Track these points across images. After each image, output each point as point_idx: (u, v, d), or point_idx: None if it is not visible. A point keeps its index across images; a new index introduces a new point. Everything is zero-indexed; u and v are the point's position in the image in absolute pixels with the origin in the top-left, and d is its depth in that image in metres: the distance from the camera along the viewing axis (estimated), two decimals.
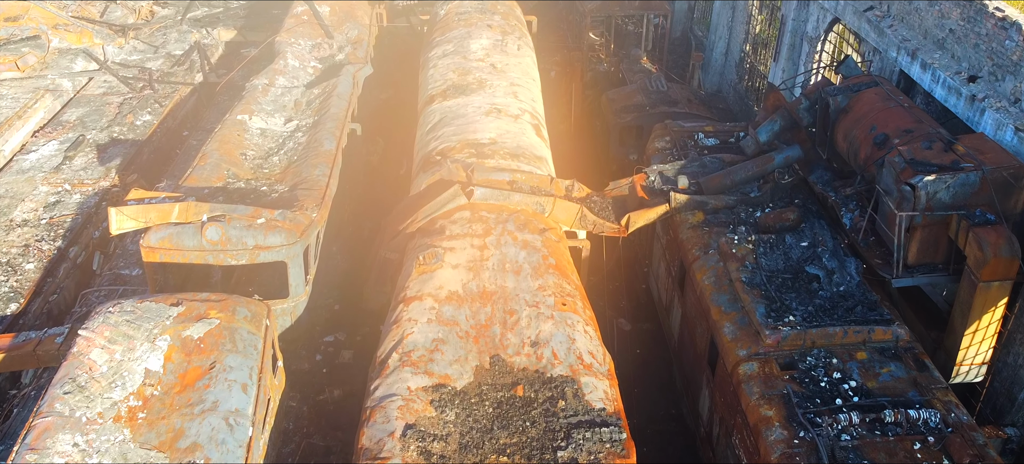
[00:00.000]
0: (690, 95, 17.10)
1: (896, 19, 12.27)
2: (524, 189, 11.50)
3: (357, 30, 19.40)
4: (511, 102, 14.34)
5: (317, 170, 13.43)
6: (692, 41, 23.68)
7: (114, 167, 18.03)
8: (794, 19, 15.90)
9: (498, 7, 18.89)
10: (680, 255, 11.09)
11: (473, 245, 10.45)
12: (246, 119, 15.25)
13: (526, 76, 15.84)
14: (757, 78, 19.49)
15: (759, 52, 19.28)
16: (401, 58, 22.78)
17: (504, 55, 16.47)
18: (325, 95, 16.30)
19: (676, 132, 13.39)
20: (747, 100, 19.68)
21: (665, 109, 16.39)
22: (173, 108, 21.03)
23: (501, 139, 12.99)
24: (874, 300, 9.24)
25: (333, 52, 18.93)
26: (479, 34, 17.30)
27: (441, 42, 17.28)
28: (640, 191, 11.83)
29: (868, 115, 10.47)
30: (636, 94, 17.04)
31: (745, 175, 11.48)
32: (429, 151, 12.98)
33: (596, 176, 18.24)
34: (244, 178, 13.57)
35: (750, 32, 19.70)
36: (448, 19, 18.34)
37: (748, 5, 19.40)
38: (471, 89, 14.81)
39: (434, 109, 14.34)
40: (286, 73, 17.66)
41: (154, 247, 11.23)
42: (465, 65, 15.87)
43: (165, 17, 26.79)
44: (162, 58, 23.68)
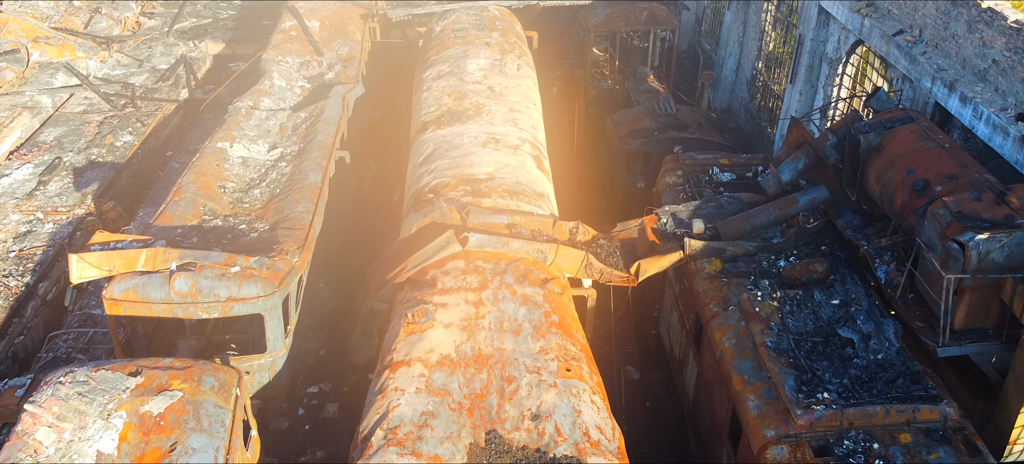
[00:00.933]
0: (701, 118, 16.08)
1: (930, 46, 11.26)
2: (524, 234, 10.49)
3: (348, 47, 18.39)
4: (510, 131, 13.33)
5: (300, 206, 12.43)
6: (700, 55, 22.66)
7: (90, 193, 17.02)
8: (813, 39, 14.89)
9: (497, 23, 17.88)
10: (696, 308, 10.07)
11: (467, 300, 9.44)
12: (227, 147, 14.24)
13: (526, 100, 14.83)
14: (771, 98, 18.47)
15: (773, 71, 18.26)
16: (396, 72, 21.76)
17: (503, 77, 15.46)
18: (312, 119, 15.30)
19: (689, 165, 12.37)
20: (760, 120, 18.66)
21: (674, 134, 15.39)
22: (156, 127, 20.02)
23: (499, 174, 11.97)
24: (917, 371, 8.23)
25: (322, 70, 17.92)
26: (476, 53, 16.29)
27: (436, 62, 16.26)
28: (651, 234, 10.82)
29: (904, 156, 9.46)
30: (643, 117, 16.03)
31: (766, 219, 10.46)
32: (421, 187, 11.97)
33: (600, 203, 17.23)
34: (222, 214, 12.57)
35: (763, 49, 18.67)
36: (444, 36, 17.33)
37: (761, 21, 18.38)
38: (467, 116, 13.80)
39: (427, 138, 13.33)
40: (272, 94, 16.65)
41: (118, 299, 10.23)
42: (461, 88, 14.86)
43: (152, 28, 25.79)
44: (147, 73, 22.67)
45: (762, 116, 18.70)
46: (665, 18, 19.11)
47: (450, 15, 18.22)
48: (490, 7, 18.59)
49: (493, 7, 18.69)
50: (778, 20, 17.93)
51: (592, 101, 19.86)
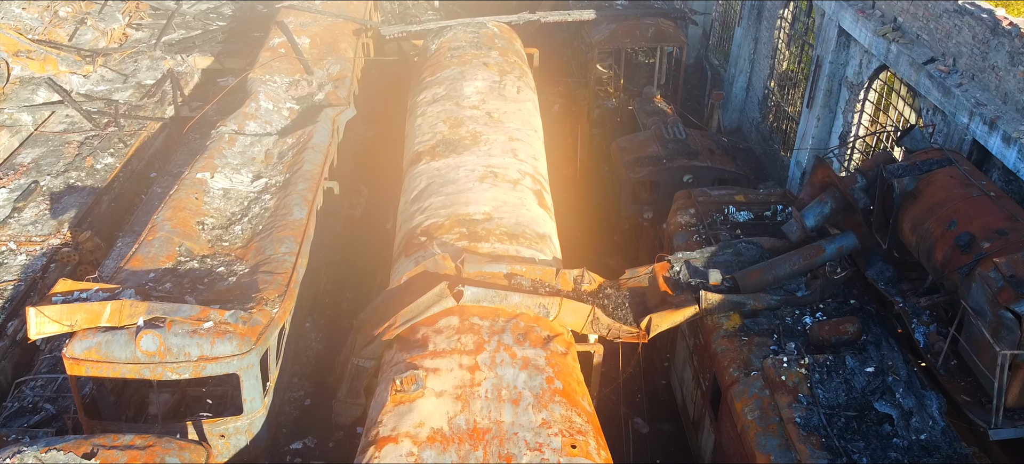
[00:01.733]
0: (711, 144, 15.18)
1: (966, 77, 10.35)
2: (524, 286, 9.58)
3: (339, 65, 17.49)
4: (510, 163, 12.42)
5: (283, 246, 11.53)
6: (707, 71, 21.75)
7: (67, 221, 16.13)
8: (832, 62, 13.98)
9: (496, 41, 16.97)
10: (713, 369, 9.16)
11: (462, 365, 8.54)
12: (207, 178, 13.34)
13: (526, 126, 13.93)
14: (784, 119, 17.56)
15: (787, 91, 17.35)
16: (391, 88, 20.88)
17: (502, 100, 14.55)
18: (299, 146, 14.40)
19: (702, 203, 11.47)
20: (772, 142, 17.75)
21: (684, 162, 14.49)
22: (139, 147, 19.12)
23: (497, 213, 11.07)
24: (966, 455, 7.33)
25: (312, 90, 17.02)
26: (474, 74, 15.38)
27: (431, 84, 15.35)
28: (663, 284, 9.92)
29: (944, 204, 8.55)
30: (651, 143, 15.13)
31: (790, 269, 9.56)
32: (413, 228, 11.07)
33: (605, 231, 16.31)
34: (200, 254, 11.67)
35: (775, 68, 17.76)
36: (440, 55, 16.42)
37: (773, 38, 17.47)
38: (464, 145, 12.89)
39: (420, 171, 12.43)
40: (258, 117, 15.75)
41: (79, 358, 9.33)
42: (458, 114, 13.95)
43: (138, 40, 24.89)
44: (132, 88, 21.77)
45: (775, 138, 17.79)
46: (673, 35, 18.21)
47: (447, 32, 17.32)
48: (489, 23, 17.69)
49: (492, 24, 17.80)
50: (792, 38, 17.02)
51: (595, 120, 18.96)
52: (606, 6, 19.47)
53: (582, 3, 20.63)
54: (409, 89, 16.44)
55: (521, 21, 18.19)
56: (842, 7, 13.48)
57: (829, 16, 13.99)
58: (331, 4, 19.82)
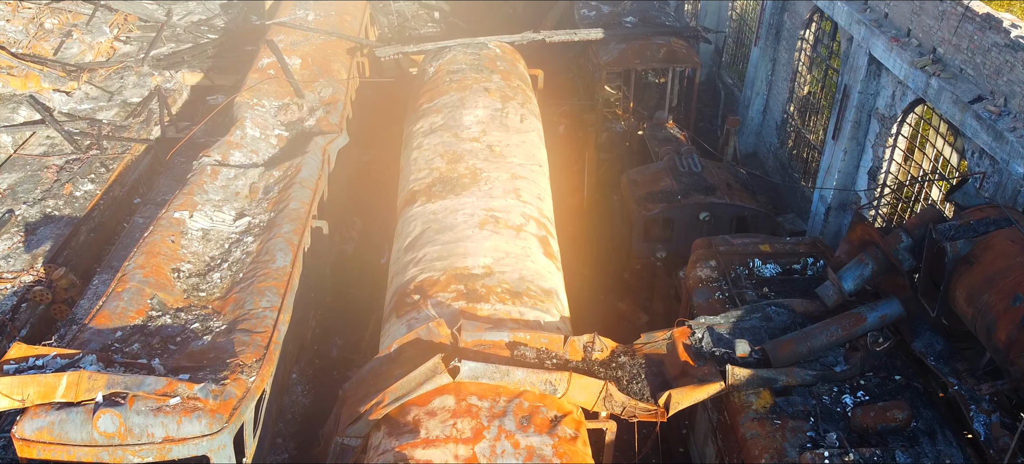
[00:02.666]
0: (729, 177, 14.14)
1: (1021, 120, 9.30)
2: (528, 358, 8.56)
3: (332, 88, 16.47)
4: (512, 205, 11.40)
5: (264, 300, 10.53)
6: (720, 90, 20.70)
7: (41, 255, 15.15)
8: (861, 92, 12.93)
9: (497, 63, 15.95)
10: (741, 455, 8.12)
11: (458, 456, 7.53)
12: (186, 217, 12.34)
13: (531, 160, 12.90)
14: (805, 146, 16.51)
15: (808, 117, 16.29)
16: (387, 107, 19.88)
17: (504, 131, 13.53)
18: (286, 180, 13.39)
19: (724, 254, 10.43)
20: (792, 170, 16.70)
21: (701, 199, 13.45)
22: (122, 172, 18.12)
23: (499, 266, 10.05)
24: None
25: (303, 115, 16.02)
26: (474, 101, 14.36)
27: (428, 111, 14.33)
28: (683, 352, 8.89)
29: (1007, 274, 7.52)
30: (664, 176, 14.09)
31: (827, 340, 8.53)
32: (405, 283, 10.05)
33: (614, 267, 15.26)
34: (173, 307, 10.68)
35: (795, 92, 16.70)
36: (438, 80, 15.39)
37: (793, 60, 16.41)
38: (462, 184, 11.87)
39: (415, 214, 11.41)
40: (243, 146, 14.74)
41: (30, 440, 8.33)
42: (456, 147, 12.93)
43: (126, 54, 23.91)
44: (117, 106, 20.80)
45: (794, 166, 16.73)
46: (686, 56, 17.16)
47: (445, 54, 16.30)
48: (490, 44, 16.66)
49: (493, 44, 16.77)
50: (815, 62, 15.96)
51: (603, 145, 17.92)
52: (614, 24, 18.43)
53: (588, 16, 19.60)
54: (405, 115, 15.42)
55: (524, 41, 17.16)
56: (873, 33, 12.44)
57: (858, 42, 12.95)
58: (325, 21, 18.81)
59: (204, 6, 27.71)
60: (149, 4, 27.91)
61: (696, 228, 13.63)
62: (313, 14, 19.02)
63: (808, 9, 15.60)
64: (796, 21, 16.22)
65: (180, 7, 27.57)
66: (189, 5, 27.83)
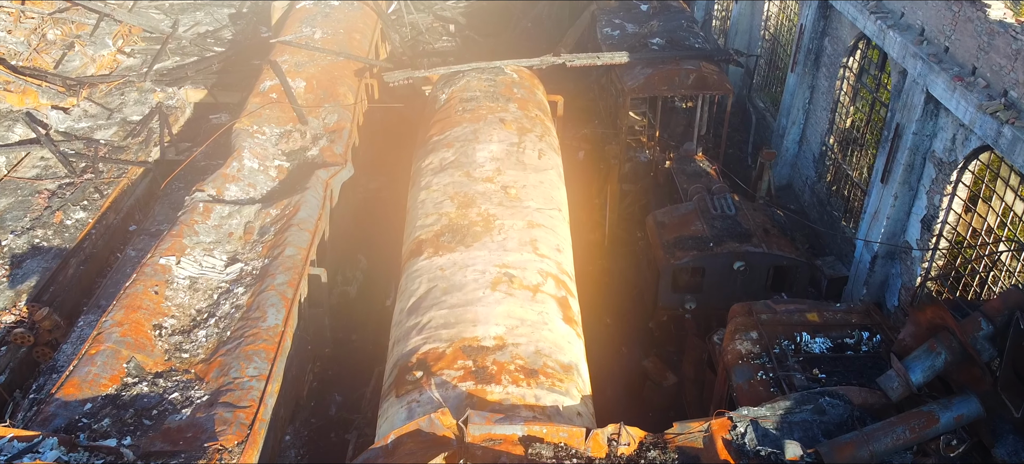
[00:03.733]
0: (766, 221, 12.92)
1: None
2: (545, 457, 7.42)
3: (337, 115, 15.42)
4: (528, 260, 10.27)
5: (252, 366, 9.50)
6: (751, 115, 19.43)
7: (26, 291, 14.25)
8: (915, 132, 11.67)
9: (514, 91, 14.82)
10: None
11: None
12: (172, 264, 11.33)
13: (549, 203, 11.77)
14: (845, 182, 15.23)
15: (850, 153, 15.01)
16: (397, 130, 18.82)
17: (521, 169, 12.41)
18: (284, 221, 12.35)
19: (767, 324, 9.24)
20: (830, 207, 15.42)
21: (735, 246, 12.25)
22: (117, 198, 17.20)
23: (512, 337, 8.92)
24: None
25: (305, 143, 14.98)
26: (489, 134, 13.25)
27: (439, 145, 13.23)
28: (722, 449, 7.72)
29: None
30: (694, 219, 12.90)
31: (892, 443, 7.33)
32: (407, 354, 8.95)
33: (638, 314, 14.08)
34: (152, 372, 9.68)
35: (836, 123, 15.43)
36: (450, 109, 14.29)
37: (834, 89, 15.14)
38: (474, 234, 10.75)
39: (421, 269, 10.31)
40: (240, 179, 13.73)
41: None
42: (468, 188, 11.82)
43: (129, 68, 23.04)
44: (116, 125, 19.91)
45: (834, 203, 15.45)
46: (717, 82, 15.94)
47: (459, 79, 15.20)
48: (506, 69, 15.54)
49: (510, 68, 15.65)
50: (859, 93, 14.68)
51: (627, 175, 16.74)
52: (640, 47, 17.24)
53: (611, 35, 18.42)
54: (415, 145, 14.33)
55: (544, 65, 16.02)
56: (932, 69, 11.17)
57: (913, 78, 11.68)
58: (332, 39, 17.78)
59: (212, 17, 26.84)
60: (155, 14, 27.09)
61: (729, 278, 12.46)
62: (320, 32, 18.00)
63: (853, 35, 14.34)
64: (839, 47, 14.96)
65: (187, 18, 26.71)
66: (196, 16, 26.98)
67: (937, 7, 11.45)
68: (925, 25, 11.82)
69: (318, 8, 19.10)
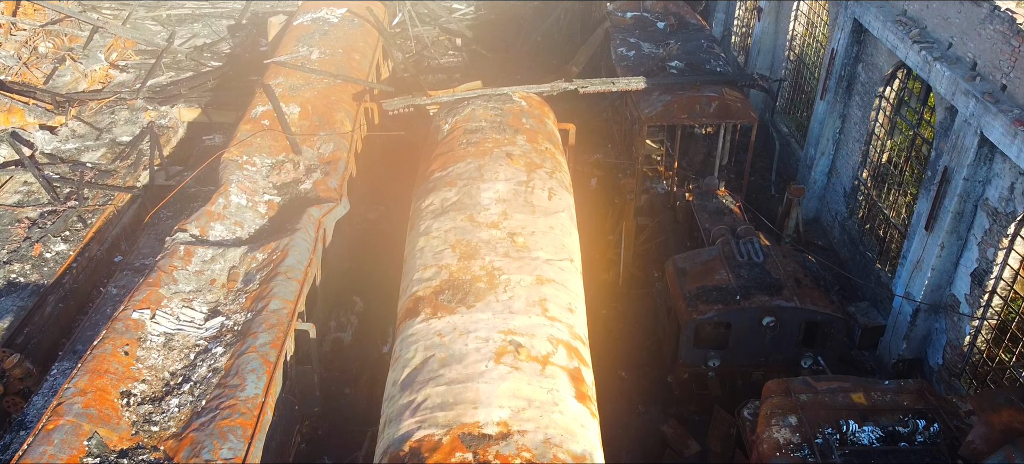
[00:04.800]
0: (797, 269, 11.80)
1: None
2: None
3: (333, 144, 14.40)
4: (537, 324, 9.21)
5: (227, 446, 8.51)
6: (775, 141, 18.29)
7: None
8: (966, 178, 10.53)
9: (523, 120, 13.76)
10: None
11: None
12: (146, 319, 10.32)
13: (560, 252, 10.71)
14: (880, 221, 14.09)
15: (887, 190, 13.86)
16: (399, 153, 17.77)
17: (529, 212, 11.35)
18: (270, 268, 11.33)
19: (807, 406, 8.16)
20: (863, 247, 14.28)
21: (764, 299, 11.15)
22: (102, 227, 16.27)
23: (518, 422, 7.88)
24: None
25: (298, 175, 13.96)
26: (495, 171, 12.20)
27: (441, 183, 12.19)
28: None
29: None
30: (718, 267, 11.80)
31: None
32: (398, 440, 7.92)
33: (656, 367, 12.98)
34: (116, 449, 8.71)
35: (870, 156, 14.28)
36: (453, 140, 13.25)
37: (870, 120, 14.01)
38: (477, 291, 9.70)
39: (417, 334, 9.26)
40: (226, 217, 12.71)
41: None
42: (471, 235, 10.77)
43: (122, 84, 22.14)
44: (104, 146, 18.98)
45: (867, 243, 14.30)
46: (740, 110, 14.82)
47: (463, 108, 14.15)
48: (515, 96, 14.48)
49: (519, 95, 14.58)
50: (898, 127, 13.52)
51: (642, 208, 15.66)
52: (657, 70, 16.13)
53: (626, 56, 17.33)
54: (416, 179, 13.29)
55: (554, 92, 14.95)
56: (987, 110, 10.03)
57: (965, 118, 10.55)
58: (330, 60, 16.76)
59: (210, 29, 25.91)
60: (152, 25, 26.19)
61: (757, 334, 11.36)
62: (317, 52, 16.98)
63: (891, 63, 13.20)
64: (874, 75, 13.82)
65: (184, 30, 25.80)
66: (194, 27, 26.07)
67: (992, 39, 10.31)
68: (978, 59, 10.68)
69: (316, 25, 18.11)
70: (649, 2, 19.96)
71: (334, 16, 18.61)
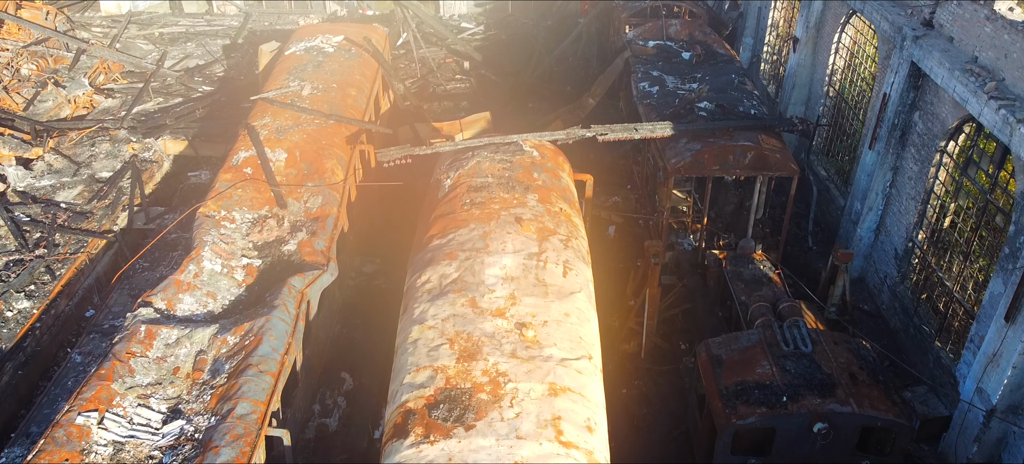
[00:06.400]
0: (851, 361, 10.17)
1: None
2: None
3: (322, 197, 12.88)
4: (550, 452, 7.67)
5: None
6: (812, 185, 16.61)
7: None
8: None
9: (535, 175, 12.19)
10: None
11: None
12: (92, 424, 8.85)
13: (576, 347, 9.15)
14: (940, 292, 12.40)
15: (950, 258, 12.16)
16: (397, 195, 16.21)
17: (541, 294, 9.79)
18: (242, 354, 9.84)
19: None
20: (918, 321, 12.60)
21: (816, 401, 9.53)
22: (72, 278, 14.83)
23: None
24: None
25: (282, 233, 12.46)
26: (502, 240, 10.64)
27: (439, 253, 10.63)
28: None
29: None
30: (759, 357, 10.19)
31: None
32: None
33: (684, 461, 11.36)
34: None
35: (928, 217, 12.60)
36: (455, 200, 11.69)
37: (927, 177, 12.34)
38: (478, 404, 8.16)
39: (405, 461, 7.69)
40: (198, 287, 11.22)
41: None
42: (473, 326, 9.22)
43: (107, 110, 20.75)
44: (82, 183, 17.54)
45: (923, 315, 12.61)
46: (780, 162, 13.17)
47: (468, 159, 12.59)
48: (525, 145, 12.90)
49: (530, 144, 13.02)
50: (964, 188, 11.83)
51: (668, 265, 14.05)
52: (684, 112, 14.50)
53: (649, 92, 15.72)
54: (412, 245, 11.73)
55: (570, 139, 13.36)
56: None
57: None
58: (322, 97, 15.24)
59: (204, 49, 24.49)
60: (143, 44, 24.80)
61: (806, 440, 9.73)
62: (309, 88, 15.47)
63: (956, 116, 11.52)
64: (934, 127, 12.14)
65: (177, 50, 24.40)
66: (187, 47, 24.67)
67: None
68: None
69: (309, 56, 16.60)
70: (673, 28, 18.34)
71: (330, 45, 17.10)
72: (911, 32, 12.31)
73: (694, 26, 18.52)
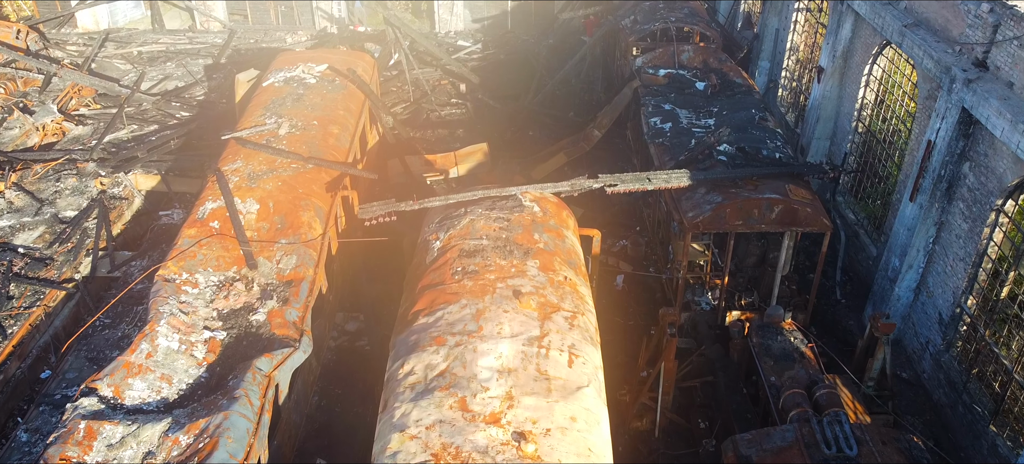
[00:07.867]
0: (901, 459, 8.73)
1: None
2: None
3: (296, 257, 11.46)
4: None
5: None
6: (839, 229, 15.18)
7: None
8: None
9: (535, 236, 10.78)
10: None
11: None
12: None
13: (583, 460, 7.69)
14: (994, 368, 10.97)
15: (1008, 332, 10.73)
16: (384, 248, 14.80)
17: (544, 394, 8.38)
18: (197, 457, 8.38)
19: None
20: (965, 395, 11.18)
21: None
22: (25, 337, 13.43)
23: None
24: None
25: (251, 299, 11.05)
26: (497, 321, 9.23)
27: (425, 336, 9.21)
28: None
29: None
30: (796, 459, 8.74)
31: None
32: None
33: None
34: None
35: (979, 281, 11.17)
36: (445, 267, 10.27)
37: (980, 237, 10.91)
38: None
39: None
40: (151, 370, 9.84)
41: None
42: (461, 437, 7.83)
43: (77, 139, 19.34)
44: (44, 223, 16.12)
45: (973, 392, 11.19)
46: (810, 217, 11.74)
47: (460, 217, 11.17)
48: (525, 200, 11.47)
49: (531, 197, 11.59)
50: (1021, 251, 10.39)
51: (684, 327, 12.64)
52: (702, 156, 13.08)
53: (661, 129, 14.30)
54: (396, 320, 10.30)
55: (575, 191, 11.94)
56: None
57: None
58: (301, 136, 13.82)
59: (185, 70, 23.05)
60: (120, 64, 23.37)
61: None
62: (287, 125, 14.05)
63: (1016, 173, 10.10)
64: (989, 182, 10.72)
65: (156, 71, 22.96)
66: (166, 67, 23.22)
67: None
68: None
69: (289, 88, 15.18)
70: (685, 55, 16.91)
71: (311, 75, 15.67)
72: (961, 74, 10.88)
73: (708, 52, 17.09)
